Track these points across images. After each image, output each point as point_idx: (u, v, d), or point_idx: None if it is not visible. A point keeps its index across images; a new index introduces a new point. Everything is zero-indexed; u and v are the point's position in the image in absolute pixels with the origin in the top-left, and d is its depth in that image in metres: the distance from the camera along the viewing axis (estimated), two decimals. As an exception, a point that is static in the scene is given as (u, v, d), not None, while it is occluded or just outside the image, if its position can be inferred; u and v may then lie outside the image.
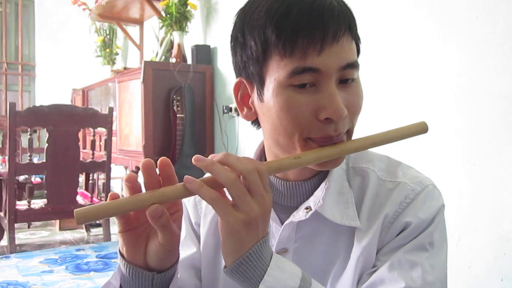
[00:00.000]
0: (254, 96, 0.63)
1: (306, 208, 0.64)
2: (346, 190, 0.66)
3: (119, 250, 0.59)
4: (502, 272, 1.49)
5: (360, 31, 0.62)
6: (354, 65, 0.59)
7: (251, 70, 0.61)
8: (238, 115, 2.94)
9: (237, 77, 0.66)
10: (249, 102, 0.65)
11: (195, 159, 0.52)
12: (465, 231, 1.60)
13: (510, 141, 1.48)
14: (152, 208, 0.50)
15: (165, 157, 0.54)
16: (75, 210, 0.49)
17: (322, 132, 0.58)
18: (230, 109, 2.96)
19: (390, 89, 1.88)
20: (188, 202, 0.78)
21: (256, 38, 0.58)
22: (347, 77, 0.59)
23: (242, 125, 2.92)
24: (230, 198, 0.52)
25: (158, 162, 0.54)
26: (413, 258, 0.60)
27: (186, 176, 0.52)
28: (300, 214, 0.65)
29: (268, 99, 0.60)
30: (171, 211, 0.56)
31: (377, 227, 0.62)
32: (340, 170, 0.66)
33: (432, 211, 0.63)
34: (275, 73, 0.58)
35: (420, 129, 0.65)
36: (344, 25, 0.57)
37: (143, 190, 0.53)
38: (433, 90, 1.72)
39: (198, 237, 0.76)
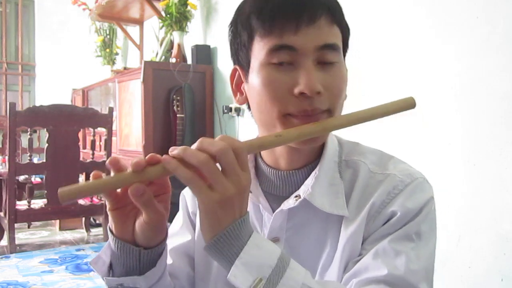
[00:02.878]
0: (244, 80, 0.68)
1: (296, 197, 0.66)
2: (337, 181, 0.67)
3: (109, 227, 0.61)
4: (502, 272, 1.49)
5: (360, 31, 0.63)
6: (333, 47, 0.62)
7: (241, 57, 0.66)
8: (238, 115, 2.94)
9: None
10: (241, 88, 0.70)
11: (170, 150, 0.53)
12: (465, 231, 1.60)
13: (510, 141, 1.48)
14: (134, 186, 0.52)
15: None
16: (59, 189, 0.50)
17: (298, 106, 0.61)
18: (230, 109, 2.96)
19: (390, 89, 1.88)
20: (187, 193, 0.80)
21: (244, 25, 0.64)
22: (326, 59, 0.61)
23: (242, 125, 2.92)
24: None
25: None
26: (398, 247, 0.60)
27: (165, 156, 0.53)
28: (290, 202, 0.66)
29: (252, 79, 0.64)
30: (159, 192, 0.58)
31: (363, 216, 0.63)
32: (332, 163, 0.68)
33: (420, 202, 0.63)
34: (258, 54, 0.63)
35: (408, 104, 0.63)
36: (322, 8, 0.61)
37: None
38: (433, 90, 1.72)
39: (194, 226, 0.77)
